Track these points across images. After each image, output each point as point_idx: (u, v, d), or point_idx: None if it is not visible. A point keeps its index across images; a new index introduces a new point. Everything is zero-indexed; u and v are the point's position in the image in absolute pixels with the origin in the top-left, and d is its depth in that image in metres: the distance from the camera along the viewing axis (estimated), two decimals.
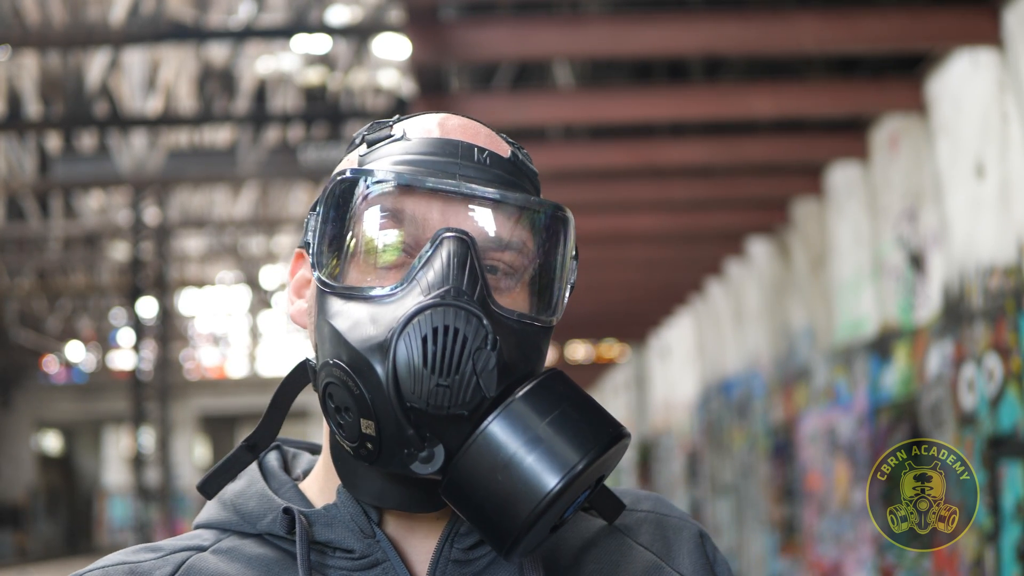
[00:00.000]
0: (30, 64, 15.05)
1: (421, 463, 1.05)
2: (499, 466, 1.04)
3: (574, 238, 1.16)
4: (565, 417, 1.06)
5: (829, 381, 8.25)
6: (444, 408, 1.04)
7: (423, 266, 1.08)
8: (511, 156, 1.16)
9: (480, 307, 1.06)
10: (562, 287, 1.15)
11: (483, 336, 1.04)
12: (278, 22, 13.02)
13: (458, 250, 1.08)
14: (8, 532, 27.81)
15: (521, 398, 1.06)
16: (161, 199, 19.49)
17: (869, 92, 6.48)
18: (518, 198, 1.12)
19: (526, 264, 1.13)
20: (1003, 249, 5.30)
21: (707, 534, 1.25)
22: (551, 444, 1.05)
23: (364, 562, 1.13)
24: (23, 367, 30.69)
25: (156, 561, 1.14)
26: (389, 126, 1.17)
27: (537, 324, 1.12)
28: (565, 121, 7.06)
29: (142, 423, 21.34)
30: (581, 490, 1.07)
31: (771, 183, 8.29)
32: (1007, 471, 5.17)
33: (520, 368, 1.09)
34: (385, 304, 1.08)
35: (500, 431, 1.05)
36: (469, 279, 1.07)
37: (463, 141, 1.14)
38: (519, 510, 1.04)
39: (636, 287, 11.83)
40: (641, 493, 1.26)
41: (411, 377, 1.04)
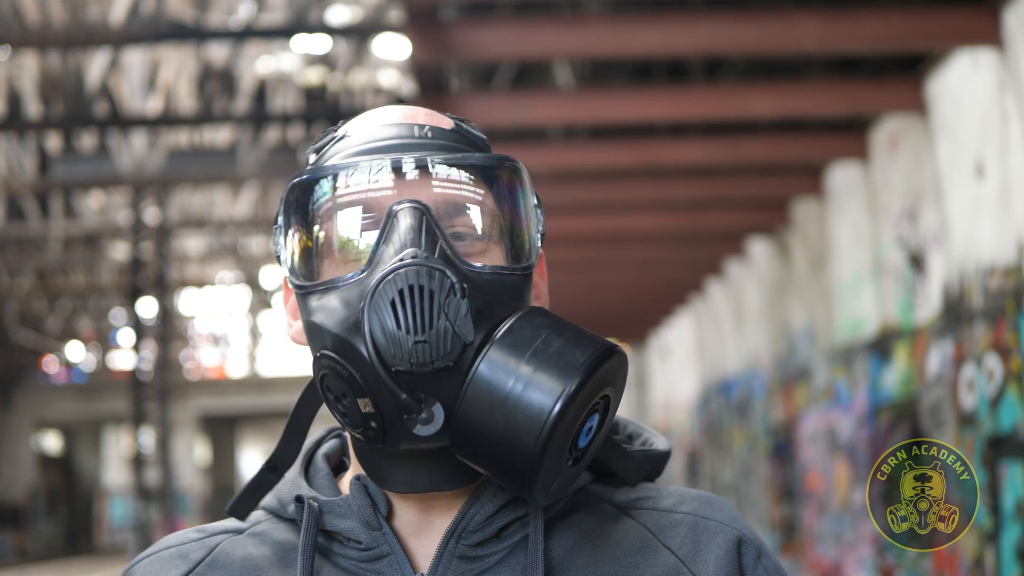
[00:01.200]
0: (30, 64, 15.05)
1: (423, 425, 1.07)
2: (496, 406, 1.05)
3: (532, 188, 1.17)
4: (549, 343, 1.07)
5: (829, 381, 8.25)
6: (428, 363, 1.05)
7: (382, 242, 1.10)
8: (454, 127, 1.18)
9: (442, 261, 1.07)
10: (530, 234, 1.15)
11: (449, 286, 1.06)
12: (278, 22, 13.01)
13: (412, 219, 1.09)
14: (8, 532, 27.80)
15: (501, 337, 1.07)
16: (161, 199, 19.49)
17: (869, 92, 6.48)
18: (464, 157, 1.13)
19: (492, 221, 1.14)
20: (1003, 249, 5.30)
21: (752, 541, 1.17)
22: (540, 371, 1.05)
23: (371, 554, 1.14)
24: (23, 367, 30.68)
25: (195, 544, 1.21)
26: (334, 131, 1.20)
27: (513, 273, 1.12)
28: (565, 121, 7.06)
29: (142, 423, 21.33)
30: (585, 410, 1.07)
31: (771, 183, 8.29)
32: (1007, 471, 5.17)
33: (498, 312, 1.09)
34: (354, 286, 1.10)
35: (488, 372, 1.06)
36: (427, 240, 1.08)
37: (403, 122, 1.17)
38: (525, 442, 1.04)
39: (636, 287, 11.83)
40: (691, 494, 1.22)
41: (389, 343, 1.05)
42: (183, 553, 1.20)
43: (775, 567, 1.18)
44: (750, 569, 1.15)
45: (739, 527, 1.18)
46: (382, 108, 1.21)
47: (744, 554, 1.16)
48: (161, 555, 1.21)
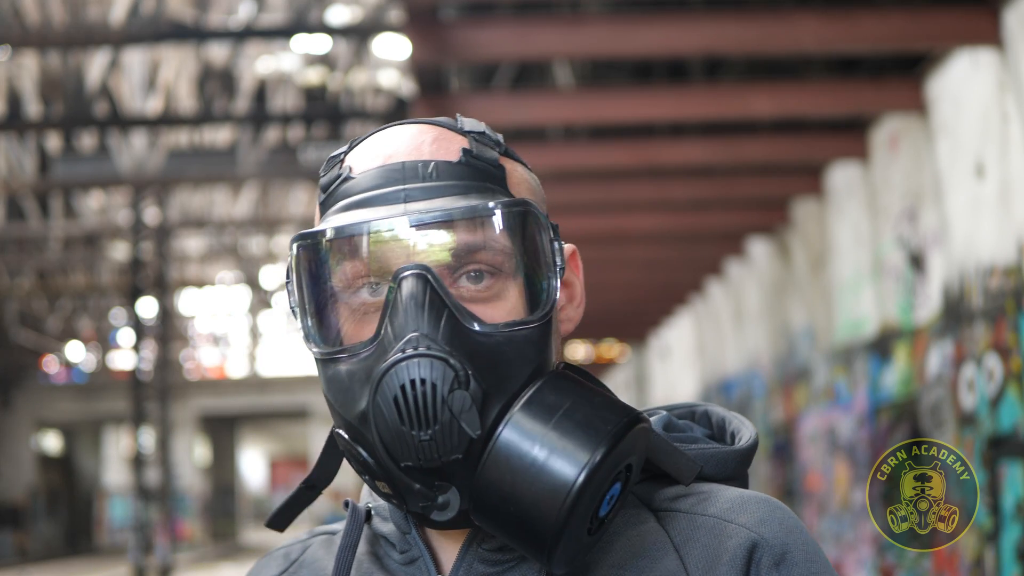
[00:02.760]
0: (30, 64, 15.05)
1: (439, 511, 1.08)
2: (515, 482, 1.04)
3: (548, 225, 1.14)
4: (567, 418, 1.05)
5: (829, 381, 8.25)
6: (436, 460, 1.05)
7: (388, 315, 1.08)
8: (461, 157, 1.13)
9: (447, 344, 1.06)
10: (548, 277, 1.13)
11: (451, 378, 1.04)
12: (278, 22, 13.02)
13: (415, 289, 1.07)
14: (8, 532, 27.81)
15: (514, 419, 1.06)
16: (161, 199, 19.49)
17: (869, 92, 6.48)
18: (468, 209, 1.09)
19: (504, 260, 1.11)
20: (1003, 249, 5.30)
21: (772, 547, 1.09)
22: (561, 444, 1.04)
23: (405, 557, 1.17)
24: (23, 367, 30.69)
25: (299, 544, 1.26)
26: (340, 161, 1.17)
27: (528, 327, 1.10)
28: (565, 121, 7.06)
29: (142, 423, 21.33)
30: (607, 483, 1.06)
31: (771, 183, 8.29)
32: (1007, 471, 5.17)
33: (510, 385, 1.08)
34: (362, 362, 1.09)
35: (502, 457, 1.05)
36: (431, 317, 1.06)
37: (407, 161, 1.12)
38: (545, 519, 1.03)
39: (636, 287, 11.83)
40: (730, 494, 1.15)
41: (395, 439, 1.05)
42: (287, 553, 1.25)
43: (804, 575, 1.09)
44: (762, 575, 1.09)
45: (762, 531, 1.10)
46: (387, 134, 1.17)
47: (758, 559, 1.09)
48: (275, 553, 1.26)
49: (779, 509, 1.14)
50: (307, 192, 19.20)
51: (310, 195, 19.29)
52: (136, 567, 19.85)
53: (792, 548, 1.10)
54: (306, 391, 30.25)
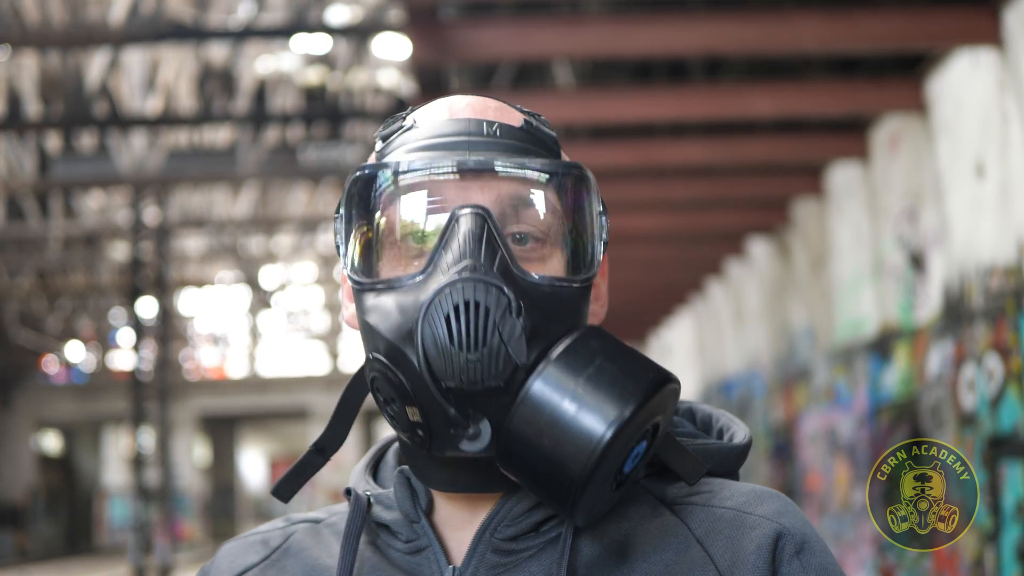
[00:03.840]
0: (30, 64, 15.05)
1: (469, 440, 1.07)
2: (545, 429, 1.05)
3: (598, 196, 1.16)
4: (603, 370, 1.06)
5: (829, 381, 8.25)
6: (479, 383, 1.05)
7: (442, 247, 1.09)
8: (523, 124, 1.16)
9: (500, 276, 1.07)
10: (594, 244, 1.16)
11: (505, 305, 1.05)
12: (278, 22, 13.01)
13: (473, 225, 1.08)
14: (8, 532, 27.80)
15: (556, 359, 1.07)
16: (161, 199, 19.49)
17: (869, 92, 6.47)
18: (530, 163, 1.12)
19: (554, 225, 1.13)
20: (1003, 249, 5.30)
21: (794, 536, 1.11)
22: (593, 397, 1.05)
23: (412, 546, 1.16)
24: (23, 367, 30.69)
25: (278, 532, 1.25)
26: (402, 118, 1.19)
27: (572, 285, 1.12)
28: (565, 121, 7.05)
29: (142, 423, 21.33)
30: (634, 439, 1.07)
31: (771, 183, 8.29)
32: (1007, 471, 5.17)
33: (553, 330, 1.09)
34: (411, 290, 1.09)
35: (540, 394, 1.05)
36: (487, 251, 1.08)
37: (472, 118, 1.15)
38: (572, 467, 1.04)
39: (636, 287, 11.83)
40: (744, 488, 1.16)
41: (441, 357, 1.05)
42: (266, 540, 1.24)
43: (819, 565, 1.11)
44: (784, 563, 1.10)
45: (783, 521, 1.12)
46: (452, 98, 1.19)
47: (781, 548, 1.11)
48: (248, 539, 1.25)
49: (792, 503, 1.17)
50: (307, 192, 19.20)
51: (310, 195, 19.29)
52: (136, 567, 19.85)
53: (810, 538, 1.13)
54: (306, 391, 30.26)
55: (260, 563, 1.22)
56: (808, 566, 1.11)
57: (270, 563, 1.21)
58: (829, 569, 1.12)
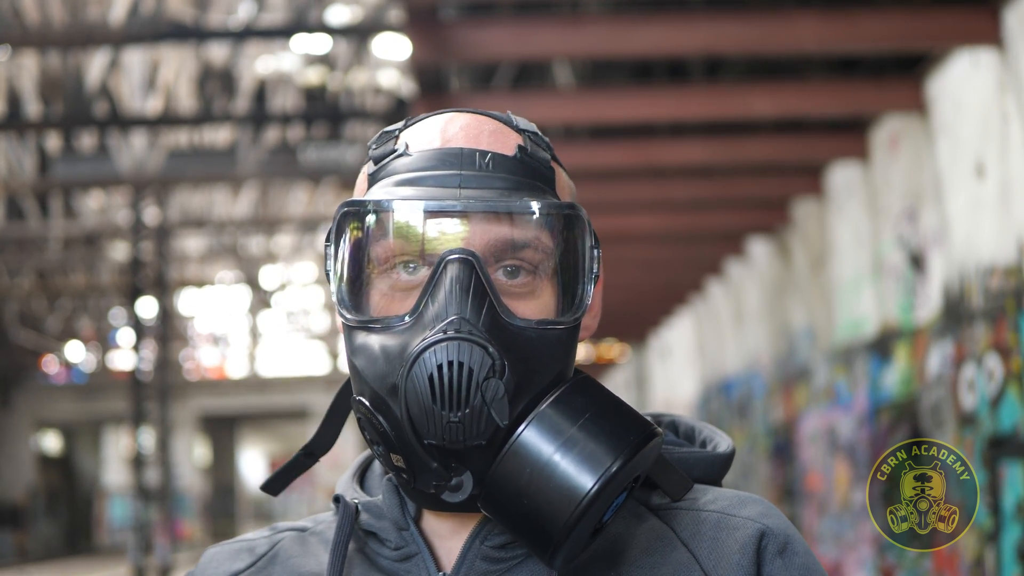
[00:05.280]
0: (30, 64, 15.05)
1: (450, 492, 1.09)
2: (528, 485, 1.06)
3: (591, 232, 1.15)
4: (592, 424, 1.07)
5: (829, 381, 8.25)
6: (460, 442, 1.06)
7: (429, 295, 1.09)
8: (517, 153, 1.15)
9: (486, 332, 1.07)
10: (584, 283, 1.14)
11: (489, 365, 1.05)
12: (278, 22, 13.01)
13: (460, 274, 1.08)
14: (8, 532, 27.80)
15: (541, 413, 1.07)
16: (161, 199, 19.48)
17: (869, 92, 6.48)
18: (522, 204, 1.11)
19: (545, 261, 1.12)
20: (1003, 249, 5.30)
21: (777, 535, 1.14)
22: (582, 451, 1.06)
23: (401, 553, 1.16)
24: (23, 367, 30.68)
25: (264, 540, 1.25)
26: (395, 136, 1.17)
27: (559, 327, 1.12)
28: (565, 121, 7.05)
29: (142, 423, 21.32)
30: (616, 493, 1.08)
31: (771, 183, 8.29)
32: (1007, 471, 5.17)
33: (538, 380, 1.09)
34: (397, 335, 1.09)
35: (524, 451, 1.06)
36: (473, 303, 1.07)
37: (465, 148, 1.13)
38: (556, 519, 1.05)
39: (636, 287, 11.83)
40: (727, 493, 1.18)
41: (424, 416, 1.06)
42: (251, 547, 1.24)
43: (802, 565, 1.13)
44: (768, 562, 1.13)
45: (766, 522, 1.15)
46: (445, 118, 1.17)
47: (764, 547, 1.13)
48: (233, 546, 1.25)
49: (774, 507, 1.18)
50: (307, 192, 19.20)
51: (310, 195, 19.29)
52: (136, 567, 19.85)
53: (792, 539, 1.15)
54: (306, 391, 30.26)
55: (246, 570, 1.22)
56: (791, 565, 1.13)
57: (256, 570, 1.22)
58: (812, 569, 1.14)
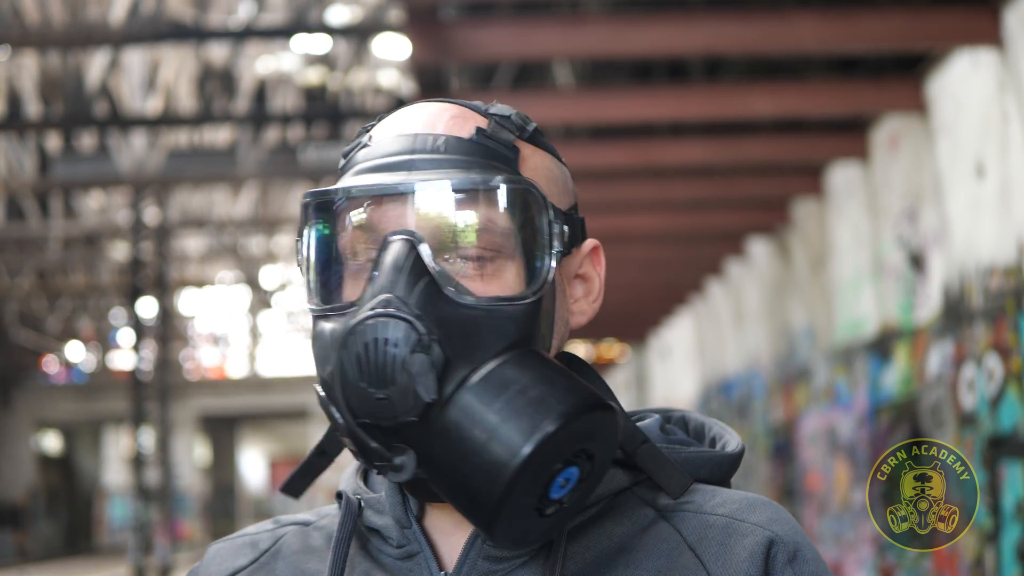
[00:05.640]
0: (30, 64, 15.05)
1: (394, 472, 1.08)
2: (463, 457, 1.04)
3: (547, 206, 1.13)
4: (520, 395, 1.05)
5: (829, 381, 8.25)
6: (391, 419, 1.05)
7: (371, 277, 1.09)
8: (474, 135, 1.13)
9: (418, 307, 1.06)
10: (542, 258, 1.12)
11: (415, 340, 1.04)
12: (278, 22, 13.01)
13: (397, 253, 1.08)
14: (8, 532, 27.81)
15: (471, 387, 1.06)
16: (161, 199, 19.49)
17: (869, 92, 6.47)
18: (465, 180, 1.10)
19: (500, 240, 1.11)
20: (1003, 249, 5.30)
21: (787, 543, 1.12)
22: (507, 423, 1.04)
23: (403, 551, 1.16)
24: (23, 367, 30.69)
25: (267, 534, 1.25)
26: (367, 131, 1.19)
27: (514, 303, 1.10)
28: (565, 121, 7.05)
29: (142, 423, 21.33)
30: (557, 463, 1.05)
31: (771, 183, 8.29)
32: (1007, 471, 5.17)
33: (480, 356, 1.07)
34: (342, 321, 1.10)
35: (455, 423, 1.05)
36: (408, 280, 1.07)
37: (420, 133, 1.14)
38: (485, 492, 1.04)
39: (636, 287, 11.83)
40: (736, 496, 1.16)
41: (355, 395, 1.06)
42: (255, 542, 1.24)
43: (812, 573, 1.12)
44: (777, 571, 1.11)
45: (775, 529, 1.13)
46: (413, 108, 1.18)
47: (773, 556, 1.12)
48: (236, 541, 1.25)
49: (784, 511, 1.16)
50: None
51: None
52: (136, 567, 19.86)
53: (802, 546, 1.13)
54: (306, 391, 30.23)
55: (249, 566, 1.22)
56: (801, 574, 1.12)
57: (259, 566, 1.21)
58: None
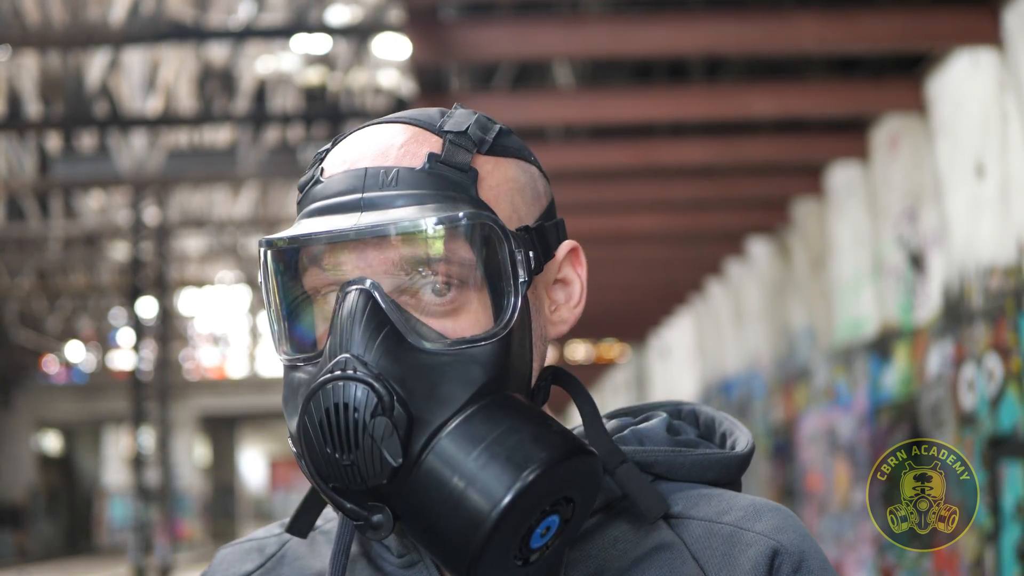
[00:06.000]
0: (30, 64, 15.05)
1: (372, 531, 1.06)
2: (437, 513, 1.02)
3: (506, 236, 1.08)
4: (496, 446, 1.02)
5: (829, 381, 8.25)
6: (360, 484, 1.03)
7: (330, 330, 1.06)
8: (426, 164, 1.09)
9: (377, 367, 1.03)
10: (507, 292, 1.08)
11: (375, 404, 1.02)
12: (278, 22, 13.01)
13: (353, 306, 1.05)
14: (8, 532, 27.81)
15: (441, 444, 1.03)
16: (161, 199, 19.49)
17: (869, 92, 6.47)
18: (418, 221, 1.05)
19: (462, 274, 1.07)
20: (1003, 249, 5.30)
21: (792, 554, 1.11)
22: (480, 477, 1.01)
23: (404, 560, 1.15)
24: (23, 367, 30.69)
25: (273, 539, 1.24)
26: (321, 159, 1.15)
27: (478, 344, 1.06)
28: (565, 121, 7.05)
29: (142, 423, 21.33)
30: (535, 513, 1.03)
31: (771, 183, 8.29)
32: (1007, 471, 5.17)
33: (444, 409, 1.04)
34: (306, 372, 1.08)
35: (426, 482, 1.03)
36: (365, 336, 1.04)
37: (370, 167, 1.09)
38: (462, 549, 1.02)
39: (636, 287, 11.83)
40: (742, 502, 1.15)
41: (323, 461, 1.04)
42: (261, 547, 1.24)
43: None
44: None
45: (780, 538, 1.11)
46: (362, 135, 1.15)
47: (778, 567, 1.10)
48: (243, 546, 1.25)
49: (791, 517, 1.14)
50: None
51: None
52: (136, 567, 19.86)
53: (808, 555, 1.12)
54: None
55: (256, 571, 1.21)
56: None
57: (265, 571, 1.21)
58: None
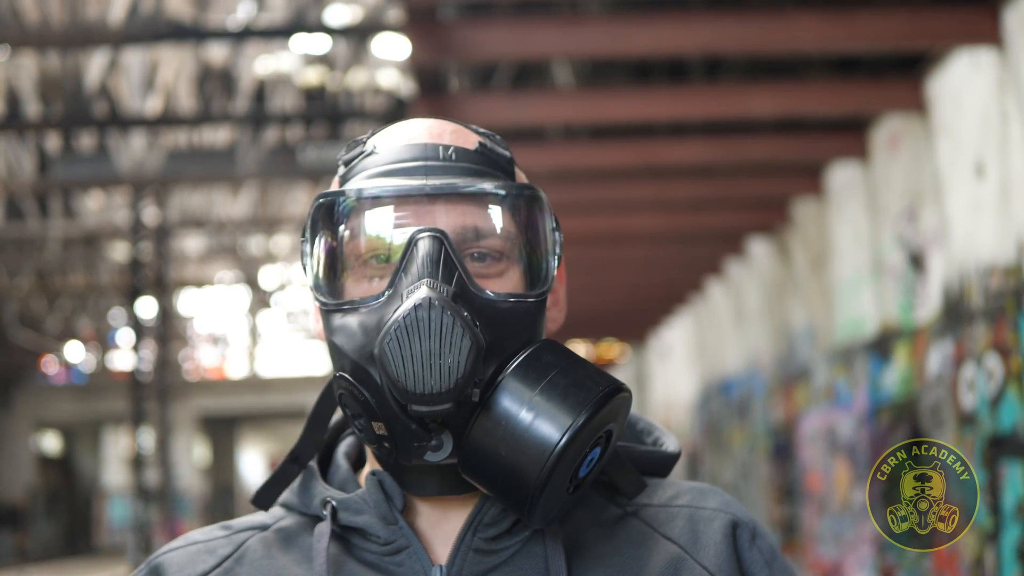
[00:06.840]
0: (29, 64, 15.04)
1: (432, 452, 1.13)
2: (503, 439, 1.11)
3: (551, 214, 1.22)
4: (557, 381, 1.12)
5: (829, 381, 8.25)
6: (437, 400, 1.09)
7: (402, 270, 1.14)
8: (478, 147, 1.21)
9: (457, 297, 1.12)
10: (547, 260, 1.20)
11: (460, 325, 1.09)
12: (277, 22, 13.01)
13: (431, 248, 1.13)
14: (8, 532, 27.80)
15: (512, 373, 1.13)
16: (160, 199, 19.48)
17: (869, 92, 6.47)
18: (485, 185, 1.18)
19: (510, 243, 1.19)
20: (1003, 249, 5.30)
21: (746, 524, 1.25)
22: (548, 407, 1.11)
23: (390, 547, 1.19)
24: (23, 367, 30.67)
25: (222, 540, 1.27)
26: (363, 143, 1.24)
27: (528, 300, 1.17)
28: (565, 121, 7.05)
29: (141, 423, 21.32)
30: (588, 445, 1.13)
31: (771, 183, 8.29)
32: (1007, 471, 5.17)
33: (508, 345, 1.15)
34: (374, 311, 1.15)
35: (497, 407, 1.11)
36: (444, 273, 1.13)
37: (428, 142, 1.20)
38: (529, 473, 1.10)
39: (636, 287, 11.83)
40: (684, 487, 1.28)
41: (400, 378, 1.10)
42: (211, 549, 1.25)
43: (769, 547, 1.26)
44: (745, 550, 1.23)
45: (733, 510, 1.26)
46: (410, 122, 1.25)
47: (739, 536, 1.24)
48: (189, 549, 1.26)
49: (728, 495, 1.30)
50: (307, 192, 19.18)
51: (309, 195, 19.27)
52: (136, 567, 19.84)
53: (757, 524, 1.28)
54: (306, 391, 30.23)
55: (212, 571, 1.23)
56: (763, 550, 1.25)
57: (223, 571, 1.23)
58: (775, 550, 1.27)
